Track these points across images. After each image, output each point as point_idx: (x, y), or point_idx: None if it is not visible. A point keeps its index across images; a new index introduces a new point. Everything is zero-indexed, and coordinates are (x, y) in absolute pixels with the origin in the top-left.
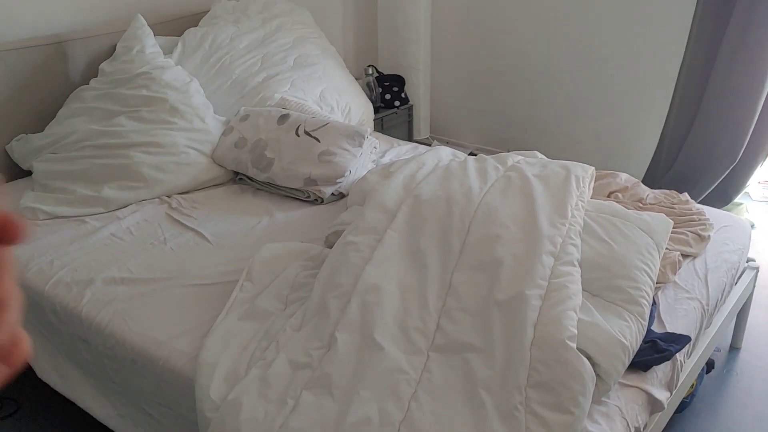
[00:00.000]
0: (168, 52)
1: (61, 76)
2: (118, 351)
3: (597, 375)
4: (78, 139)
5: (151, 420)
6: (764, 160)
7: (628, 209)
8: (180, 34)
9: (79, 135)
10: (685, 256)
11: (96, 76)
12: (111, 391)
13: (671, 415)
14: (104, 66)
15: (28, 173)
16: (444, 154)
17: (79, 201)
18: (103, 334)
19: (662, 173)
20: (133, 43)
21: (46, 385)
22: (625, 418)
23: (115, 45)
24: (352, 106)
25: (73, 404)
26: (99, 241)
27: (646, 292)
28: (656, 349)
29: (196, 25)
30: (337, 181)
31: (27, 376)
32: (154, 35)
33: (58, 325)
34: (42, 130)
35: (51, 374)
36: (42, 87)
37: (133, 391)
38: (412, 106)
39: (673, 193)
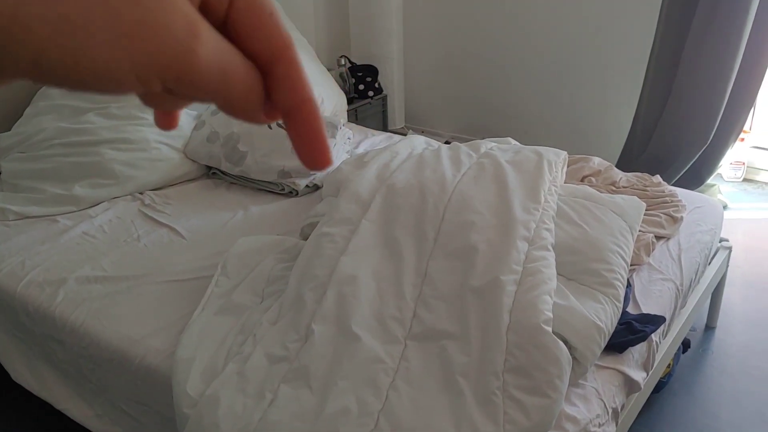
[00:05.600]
0: None
1: None
2: (93, 350)
3: (573, 358)
4: (46, 137)
5: (128, 419)
6: (735, 141)
7: (601, 193)
8: None
9: (47, 133)
10: (658, 237)
11: None
12: (87, 391)
13: (649, 395)
14: None
15: None
16: (417, 143)
17: (50, 200)
18: (78, 334)
19: (636, 157)
20: None
21: (21, 388)
22: (602, 400)
23: None
24: (324, 97)
25: (49, 406)
26: (71, 240)
27: (620, 274)
28: (631, 331)
29: None
30: (311, 172)
31: (1, 379)
32: None
33: (31, 326)
34: (9, 129)
35: (26, 377)
36: (7, 85)
37: (110, 390)
38: (386, 96)
39: (645, 175)
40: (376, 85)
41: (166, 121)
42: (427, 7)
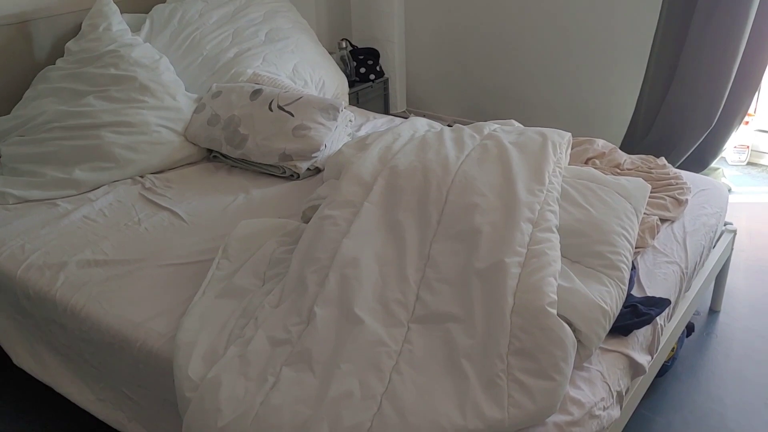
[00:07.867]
0: (136, 29)
1: (26, 57)
2: (94, 334)
3: (578, 340)
4: (46, 120)
5: (130, 402)
6: (740, 124)
7: (606, 174)
8: (147, 11)
9: (47, 116)
10: (663, 220)
11: (62, 56)
12: (89, 375)
13: (653, 378)
14: (70, 45)
15: None
16: (420, 124)
17: (50, 184)
18: (79, 318)
19: (640, 139)
20: (99, 20)
21: (23, 372)
22: (607, 383)
23: (81, 23)
24: (326, 80)
25: (51, 390)
26: (71, 224)
27: (625, 256)
28: (636, 314)
29: (164, 1)
30: (313, 155)
31: (3, 362)
32: (121, 12)
33: (31, 310)
34: (8, 113)
35: (27, 360)
36: (6, 68)
37: (111, 374)
38: (387, 79)
39: (650, 157)
40: (378, 68)
41: None
42: None
